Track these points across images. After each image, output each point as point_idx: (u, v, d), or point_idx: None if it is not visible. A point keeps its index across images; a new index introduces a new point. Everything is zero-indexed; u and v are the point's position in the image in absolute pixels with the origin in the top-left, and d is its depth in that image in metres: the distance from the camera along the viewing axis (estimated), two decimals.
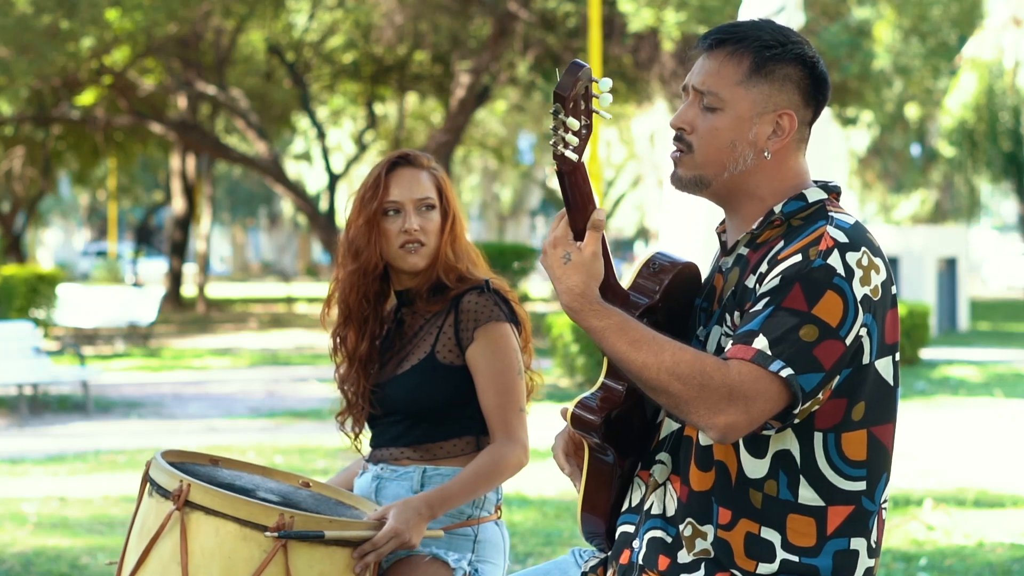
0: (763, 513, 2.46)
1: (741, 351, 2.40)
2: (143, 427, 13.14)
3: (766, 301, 2.42)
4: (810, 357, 2.39)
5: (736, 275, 2.54)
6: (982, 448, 11.29)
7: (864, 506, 2.49)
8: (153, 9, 21.38)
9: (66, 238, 64.49)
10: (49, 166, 32.20)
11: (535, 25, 23.63)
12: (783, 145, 2.54)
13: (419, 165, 3.42)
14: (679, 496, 2.54)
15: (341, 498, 3.28)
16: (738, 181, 2.54)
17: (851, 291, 2.41)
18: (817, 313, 2.39)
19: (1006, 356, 20.01)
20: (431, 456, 3.34)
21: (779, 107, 2.52)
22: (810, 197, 2.55)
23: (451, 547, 3.31)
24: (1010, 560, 7.16)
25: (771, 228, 2.54)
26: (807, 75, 2.54)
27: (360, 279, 3.40)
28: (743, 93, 2.51)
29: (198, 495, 2.93)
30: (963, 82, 32.24)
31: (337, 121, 36.16)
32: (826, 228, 2.46)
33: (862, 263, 2.43)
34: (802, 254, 2.43)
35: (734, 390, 2.38)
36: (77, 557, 7.33)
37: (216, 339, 24.38)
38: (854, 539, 2.49)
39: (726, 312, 2.53)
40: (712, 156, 2.53)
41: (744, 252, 2.56)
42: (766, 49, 2.52)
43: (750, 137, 2.52)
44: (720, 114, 2.52)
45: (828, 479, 2.47)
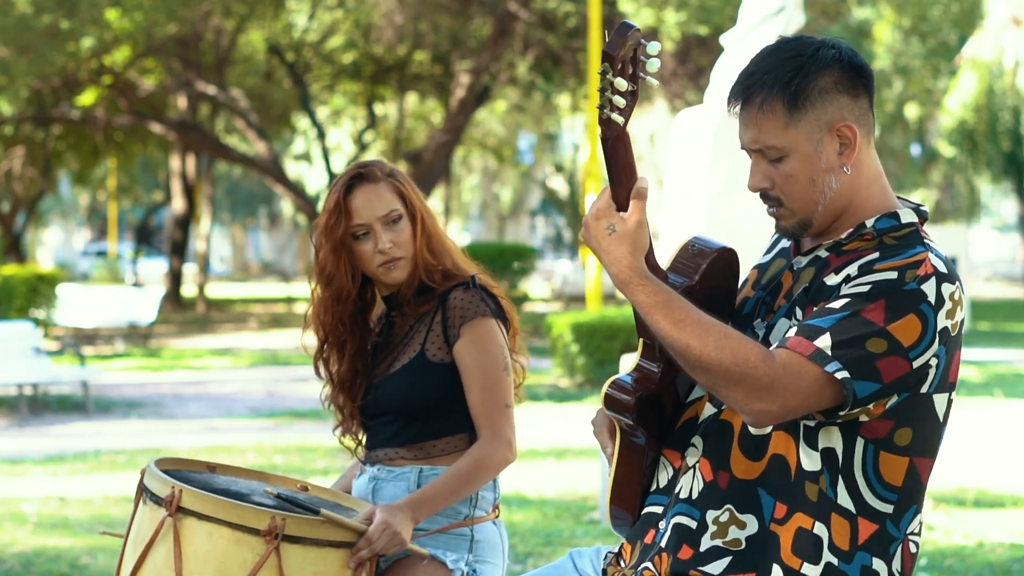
0: (817, 507, 2.47)
1: (802, 345, 2.40)
2: (143, 427, 13.14)
3: (846, 302, 2.41)
4: (871, 367, 2.39)
5: (811, 273, 2.53)
6: (982, 448, 11.28)
7: (888, 529, 2.49)
8: (153, 9, 21.39)
9: (66, 238, 64.50)
10: (49, 166, 32.20)
11: (535, 25, 23.64)
12: (858, 152, 2.51)
13: (375, 178, 3.36)
14: (709, 480, 2.53)
15: (338, 500, 3.28)
16: (833, 208, 2.52)
17: (934, 320, 2.41)
18: (892, 331, 2.39)
19: (1006, 356, 20.01)
20: (426, 455, 3.34)
21: (833, 123, 2.49)
22: (904, 218, 2.53)
23: (449, 547, 3.31)
24: (1010, 560, 7.17)
25: (861, 240, 2.52)
26: (838, 75, 2.50)
27: (334, 305, 3.38)
28: (795, 133, 2.48)
29: (190, 500, 2.93)
30: (963, 82, 32.24)
31: (337, 121, 36.17)
32: (928, 255, 2.44)
33: (954, 296, 2.44)
34: (898, 272, 2.42)
35: (776, 381, 2.38)
36: (77, 557, 7.33)
37: (216, 339, 24.39)
38: (876, 559, 2.49)
39: (796, 306, 2.52)
40: (801, 199, 2.51)
41: (824, 255, 2.54)
42: (789, 85, 2.48)
43: (823, 166, 2.50)
44: (787, 160, 2.50)
45: (860, 489, 2.48)
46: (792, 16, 8.82)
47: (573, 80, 26.49)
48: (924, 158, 37.58)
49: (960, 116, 32.75)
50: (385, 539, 3.07)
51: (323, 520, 2.98)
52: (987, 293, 40.55)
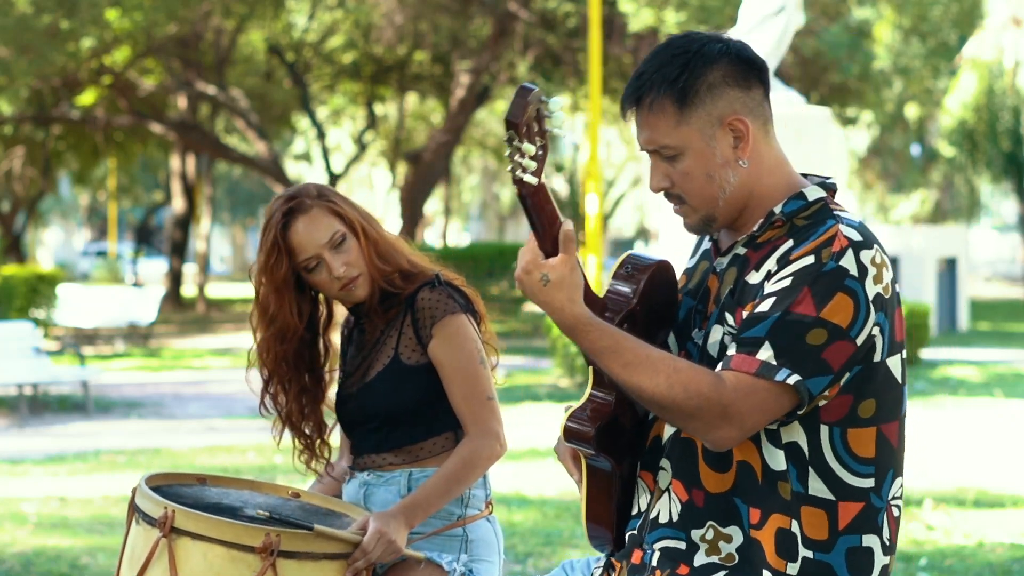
0: (790, 505, 2.46)
1: (745, 363, 2.40)
2: (143, 427, 13.14)
3: (773, 303, 2.41)
4: (818, 361, 2.39)
5: (734, 274, 2.52)
6: (982, 448, 11.28)
7: (873, 503, 2.49)
8: (153, 9, 21.39)
9: (66, 238, 64.50)
10: (49, 166, 32.20)
11: (535, 25, 23.64)
12: (753, 144, 2.51)
13: (307, 208, 3.28)
14: (686, 501, 2.53)
15: (331, 506, 3.27)
16: (735, 201, 2.52)
17: (863, 291, 2.40)
18: (826, 316, 2.38)
19: (1006, 356, 20.01)
20: (413, 458, 3.33)
21: (724, 117, 2.48)
22: (810, 196, 2.53)
23: (444, 549, 3.30)
24: (1010, 560, 7.17)
25: (773, 228, 2.52)
26: (727, 68, 2.49)
27: (276, 344, 3.35)
28: (687, 130, 2.48)
29: (183, 521, 2.93)
30: (963, 82, 32.26)
31: (337, 121, 36.17)
32: (838, 227, 2.44)
33: (875, 261, 2.43)
34: (815, 255, 2.41)
35: (730, 406, 2.38)
36: (77, 557, 7.33)
37: (216, 339, 24.38)
38: (866, 536, 2.48)
39: (726, 311, 2.51)
40: (700, 196, 2.51)
41: (742, 252, 2.54)
42: (676, 82, 2.47)
43: (719, 161, 2.49)
44: (682, 158, 2.50)
45: (836, 473, 2.47)
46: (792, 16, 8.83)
47: (573, 80, 26.49)
48: (924, 158, 37.57)
49: (960, 116, 32.77)
50: (380, 548, 3.07)
51: (317, 534, 2.98)
52: (987, 293, 40.55)
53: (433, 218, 49.20)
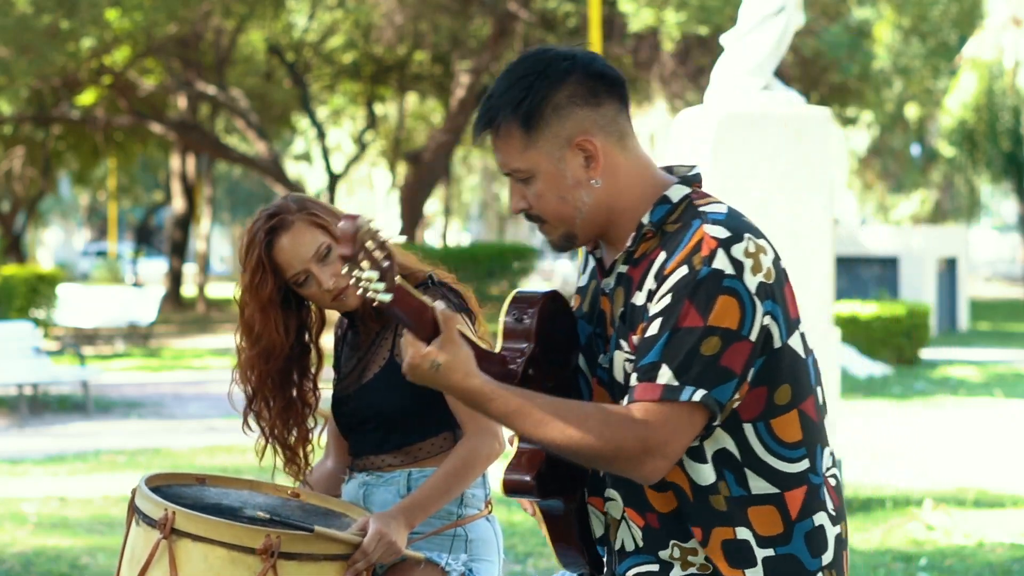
0: (730, 515, 2.45)
1: (648, 391, 2.37)
2: (143, 427, 13.14)
3: (660, 323, 2.37)
4: (718, 369, 2.36)
5: (622, 295, 2.49)
6: (982, 448, 11.29)
7: (813, 482, 2.47)
8: (153, 9, 21.39)
9: (66, 238, 64.49)
10: (49, 166, 32.20)
11: (535, 25, 23.64)
12: (605, 162, 2.47)
13: (290, 224, 3.27)
14: (643, 526, 2.52)
15: (331, 506, 3.28)
16: (594, 218, 2.49)
17: (744, 287, 2.36)
18: (714, 323, 2.35)
19: (1006, 356, 20.02)
20: (412, 459, 3.33)
21: (572, 138, 2.44)
22: (674, 196, 2.48)
23: (444, 549, 3.30)
24: (1010, 560, 7.17)
25: (645, 241, 2.48)
26: (573, 87, 2.45)
27: (261, 363, 3.33)
28: (535, 154, 2.44)
29: (183, 522, 2.93)
30: (963, 82, 32.26)
31: (337, 121, 36.16)
32: (703, 229, 2.40)
33: (748, 251, 2.38)
34: (687, 265, 2.37)
35: (647, 440, 2.36)
36: (77, 557, 7.33)
37: (216, 339, 24.38)
38: (816, 516, 2.48)
39: (620, 337, 2.48)
40: (556, 216, 2.48)
41: (624, 270, 2.50)
42: (520, 106, 2.44)
43: (570, 183, 2.46)
44: (534, 181, 2.46)
45: (772, 466, 2.45)
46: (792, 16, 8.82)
47: None
48: (924, 158, 37.56)
49: (960, 116, 32.76)
50: (380, 549, 3.07)
51: (317, 535, 2.98)
52: (987, 293, 40.57)
53: (433, 218, 49.19)
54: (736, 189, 8.61)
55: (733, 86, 8.90)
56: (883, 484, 9.56)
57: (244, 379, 3.37)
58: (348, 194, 46.95)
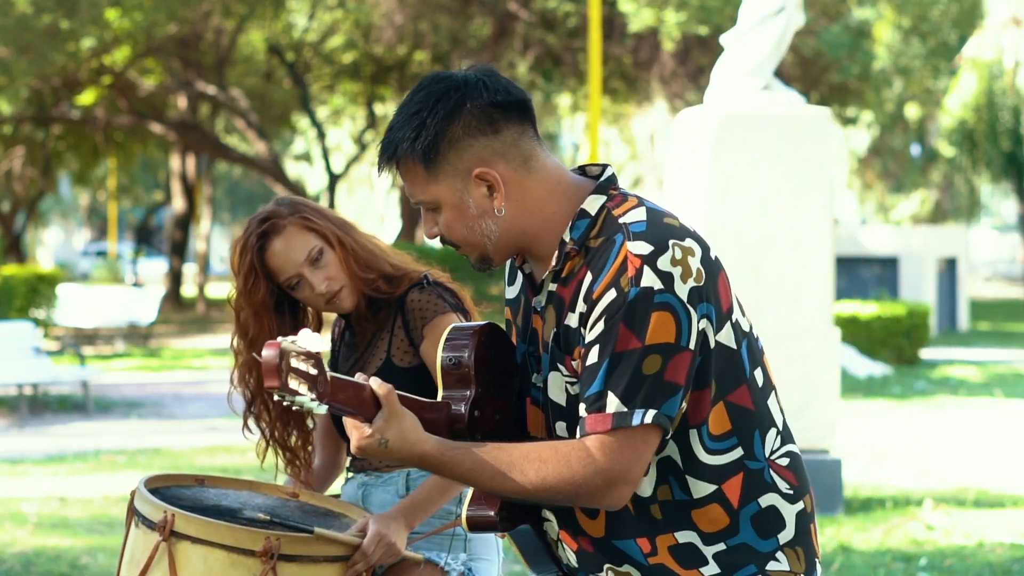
0: (666, 520, 2.44)
1: (599, 423, 2.35)
2: (143, 427, 13.14)
3: (598, 350, 2.35)
4: (663, 384, 2.34)
5: (553, 315, 2.47)
6: (982, 448, 11.29)
7: (750, 467, 2.44)
8: (153, 9, 21.39)
9: (66, 238, 64.49)
10: (49, 166, 32.20)
11: (535, 25, 23.64)
12: (508, 189, 2.45)
13: (281, 228, 3.27)
14: (577, 550, 2.52)
15: (330, 507, 3.28)
16: (507, 241, 2.47)
17: (676, 298, 2.34)
18: (651, 341, 2.33)
19: (1006, 356, 20.02)
20: None
21: (471, 170, 2.43)
22: (591, 208, 2.45)
23: (443, 548, 3.31)
24: (1010, 560, 7.17)
25: (570, 260, 2.45)
26: (467, 119, 2.42)
27: (255, 367, 3.33)
28: (436, 188, 2.44)
29: (183, 524, 2.93)
30: (963, 82, 32.24)
31: (337, 121, 36.15)
32: (626, 247, 2.37)
33: (675, 258, 2.35)
34: (615, 289, 2.34)
35: (608, 474, 2.35)
36: (77, 557, 7.33)
37: (216, 339, 24.38)
38: (762, 499, 2.45)
39: (556, 359, 2.46)
40: (467, 244, 2.48)
41: (554, 288, 2.48)
42: (415, 143, 2.42)
43: (474, 213, 2.44)
44: (441, 211, 2.46)
45: (708, 463, 2.43)
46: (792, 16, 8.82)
47: (573, 80, 26.49)
48: (924, 158, 37.56)
49: (960, 116, 32.75)
50: (380, 551, 3.08)
51: (317, 537, 2.99)
52: (987, 293, 40.56)
53: None
54: (736, 189, 8.61)
55: (733, 86, 8.90)
56: (883, 484, 9.56)
57: (243, 382, 3.37)
58: (348, 194, 46.95)
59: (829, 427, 8.61)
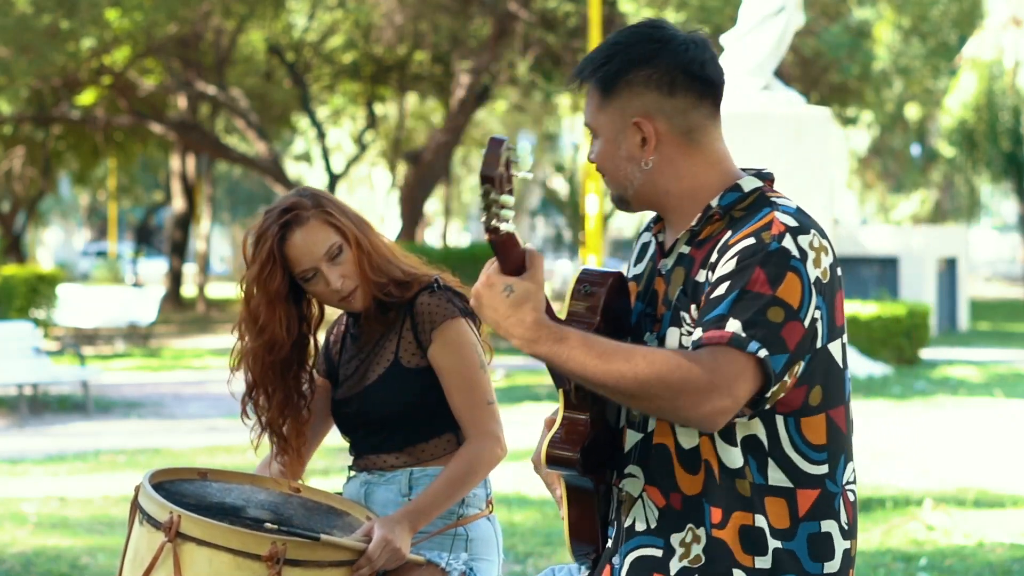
0: (751, 501, 2.47)
1: (716, 335, 2.38)
2: (143, 427, 13.14)
3: (728, 285, 2.40)
4: (779, 338, 2.39)
5: (682, 274, 2.53)
6: (982, 448, 11.28)
7: (828, 488, 2.50)
8: (153, 9, 21.39)
9: (66, 238, 64.49)
10: (49, 166, 32.20)
11: (535, 25, 23.64)
12: (663, 147, 2.52)
13: (305, 219, 3.27)
14: (664, 506, 2.52)
15: (332, 503, 3.28)
16: (646, 193, 2.56)
17: (807, 274, 2.41)
18: (781, 295, 2.39)
19: (1006, 356, 20.01)
20: (415, 460, 3.33)
21: (633, 116, 2.52)
22: (746, 187, 2.53)
23: (444, 548, 3.31)
24: (1010, 560, 7.16)
25: (711, 223, 2.52)
26: (652, 71, 2.51)
27: (265, 354, 3.32)
28: (603, 118, 2.54)
29: (189, 526, 2.93)
30: (963, 82, 32.25)
31: (337, 121, 36.17)
32: (774, 214, 2.45)
33: (813, 245, 2.43)
34: (755, 237, 2.42)
35: (714, 376, 2.36)
36: (77, 557, 7.33)
37: (216, 339, 24.38)
38: (824, 522, 2.50)
39: (680, 311, 2.50)
40: (611, 178, 2.56)
41: (686, 251, 2.54)
42: (599, 69, 2.53)
43: (623, 154, 2.53)
44: (597, 141, 2.57)
45: (794, 462, 2.48)
46: (792, 16, 8.82)
47: None
48: (924, 158, 37.57)
49: (960, 116, 32.76)
50: (385, 556, 3.09)
51: (323, 543, 2.99)
52: (987, 293, 40.57)
53: (433, 218, 49.19)
54: None
55: (733, 86, 8.90)
56: (883, 484, 9.56)
57: (247, 367, 3.36)
58: (348, 194, 46.95)
59: None
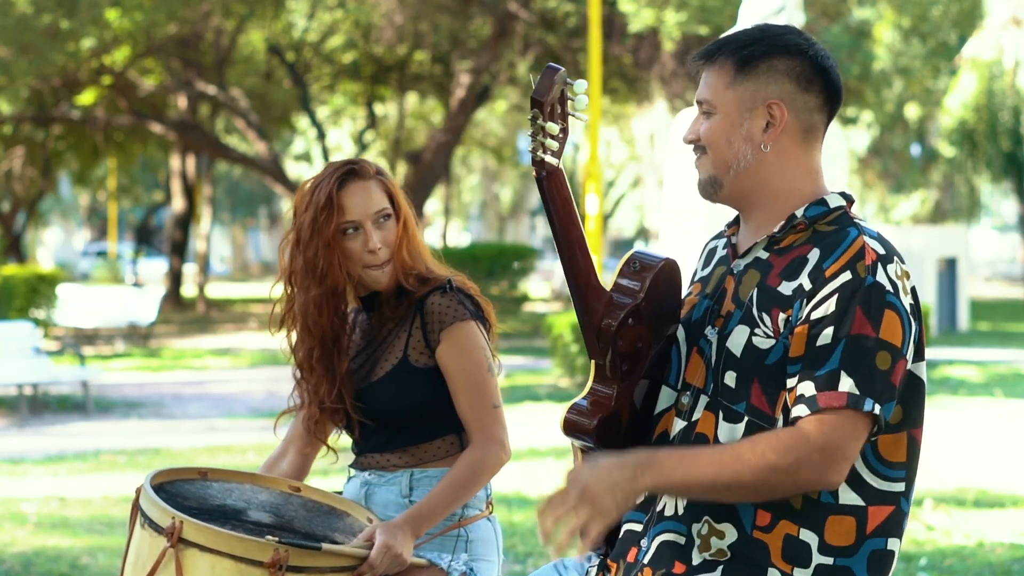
0: (803, 515, 2.46)
1: (833, 399, 2.39)
2: (143, 427, 13.14)
3: (832, 331, 2.40)
4: (889, 385, 2.40)
5: (756, 277, 2.53)
6: (982, 448, 11.28)
7: (902, 507, 2.51)
8: (153, 9, 21.38)
9: (66, 238, 64.48)
10: (49, 166, 32.19)
11: (535, 25, 23.63)
12: (782, 136, 2.54)
13: (367, 175, 3.32)
14: None
15: (333, 503, 3.27)
16: (746, 180, 2.55)
17: (902, 306, 2.43)
18: (885, 337, 2.40)
19: (1006, 356, 20.01)
20: (417, 460, 3.33)
21: (768, 98, 2.54)
22: (831, 203, 2.56)
23: (444, 549, 3.30)
24: (1010, 560, 7.16)
25: (794, 232, 2.53)
26: (797, 62, 2.54)
27: (329, 301, 3.30)
28: (731, 95, 2.54)
29: (192, 532, 2.93)
30: (963, 82, 32.23)
31: (337, 121, 36.17)
32: (864, 239, 2.46)
33: (899, 272, 2.45)
34: (851, 272, 2.42)
35: (827, 447, 2.38)
36: (77, 557, 7.33)
37: (216, 339, 24.38)
38: (891, 539, 2.50)
39: (754, 311, 2.50)
40: (717, 155, 2.55)
41: (764, 256, 2.54)
42: (743, 48, 2.55)
43: (743, 132, 2.54)
44: (715, 117, 2.56)
45: (867, 481, 2.47)
46: (792, 16, 8.82)
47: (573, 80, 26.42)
48: (924, 158, 37.55)
49: (960, 116, 32.74)
50: (387, 562, 3.08)
51: (325, 551, 2.99)
52: (987, 293, 40.55)
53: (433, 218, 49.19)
54: None
55: None
56: None
57: (313, 321, 3.31)
58: None
59: None
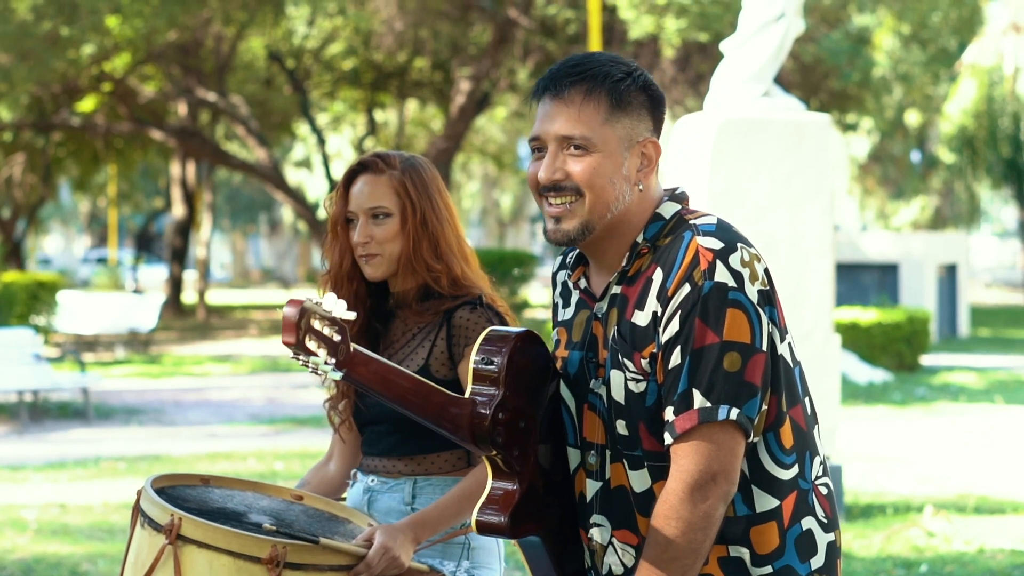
0: (724, 534, 2.45)
1: (686, 420, 2.38)
2: (143, 434, 13.14)
3: (679, 351, 2.39)
4: (744, 385, 2.37)
5: (616, 315, 2.49)
6: (983, 454, 11.28)
7: (801, 487, 2.48)
8: (153, 16, 21.40)
9: (66, 245, 64.49)
10: (49, 173, 32.20)
11: (535, 32, 23.65)
12: (648, 175, 2.52)
13: (378, 170, 3.35)
14: (637, 544, 2.52)
15: (334, 511, 3.27)
16: (617, 221, 2.49)
17: (746, 299, 2.38)
18: (730, 338, 2.36)
19: (1006, 362, 20.01)
20: (423, 470, 3.33)
21: (641, 137, 2.50)
22: (666, 213, 2.51)
23: (446, 556, 3.30)
24: (1010, 567, 7.16)
25: (639, 258, 2.49)
26: (649, 99, 2.52)
27: (334, 280, 3.40)
28: (609, 132, 2.47)
29: (190, 529, 2.93)
30: (963, 88, 32.27)
31: (337, 128, 36.17)
32: (696, 240, 2.41)
33: (744, 260, 2.40)
34: (689, 283, 2.38)
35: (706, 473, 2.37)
36: (77, 564, 7.33)
37: (216, 346, 24.38)
38: (804, 520, 2.48)
39: (622, 356, 2.47)
40: (597, 197, 2.46)
41: (618, 290, 2.50)
42: (619, 83, 2.48)
43: (624, 173, 2.48)
44: (590, 155, 2.47)
45: (775, 476, 2.46)
46: (792, 22, 8.83)
47: None
48: (924, 164, 37.57)
49: (960, 122, 32.77)
50: (384, 563, 3.07)
51: (323, 546, 2.99)
52: (987, 299, 40.55)
53: None
54: (736, 196, 8.61)
55: (733, 93, 8.90)
56: (884, 490, 9.56)
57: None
58: None
59: (829, 433, 8.61)
